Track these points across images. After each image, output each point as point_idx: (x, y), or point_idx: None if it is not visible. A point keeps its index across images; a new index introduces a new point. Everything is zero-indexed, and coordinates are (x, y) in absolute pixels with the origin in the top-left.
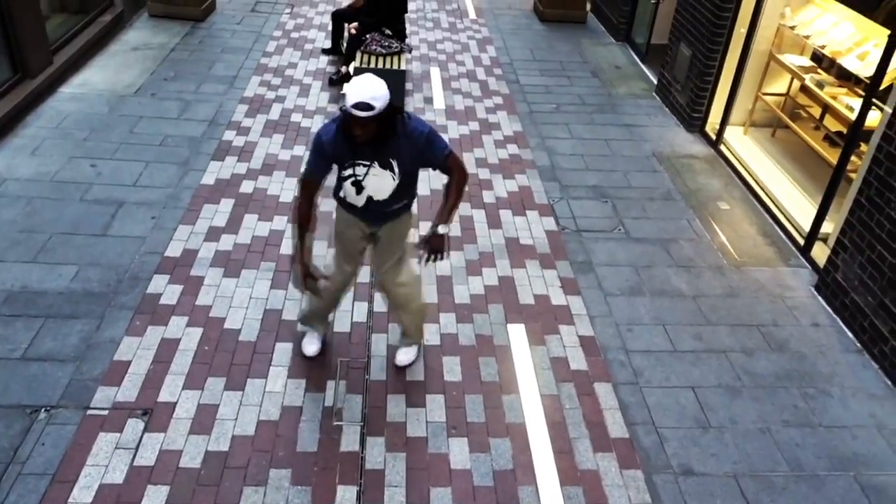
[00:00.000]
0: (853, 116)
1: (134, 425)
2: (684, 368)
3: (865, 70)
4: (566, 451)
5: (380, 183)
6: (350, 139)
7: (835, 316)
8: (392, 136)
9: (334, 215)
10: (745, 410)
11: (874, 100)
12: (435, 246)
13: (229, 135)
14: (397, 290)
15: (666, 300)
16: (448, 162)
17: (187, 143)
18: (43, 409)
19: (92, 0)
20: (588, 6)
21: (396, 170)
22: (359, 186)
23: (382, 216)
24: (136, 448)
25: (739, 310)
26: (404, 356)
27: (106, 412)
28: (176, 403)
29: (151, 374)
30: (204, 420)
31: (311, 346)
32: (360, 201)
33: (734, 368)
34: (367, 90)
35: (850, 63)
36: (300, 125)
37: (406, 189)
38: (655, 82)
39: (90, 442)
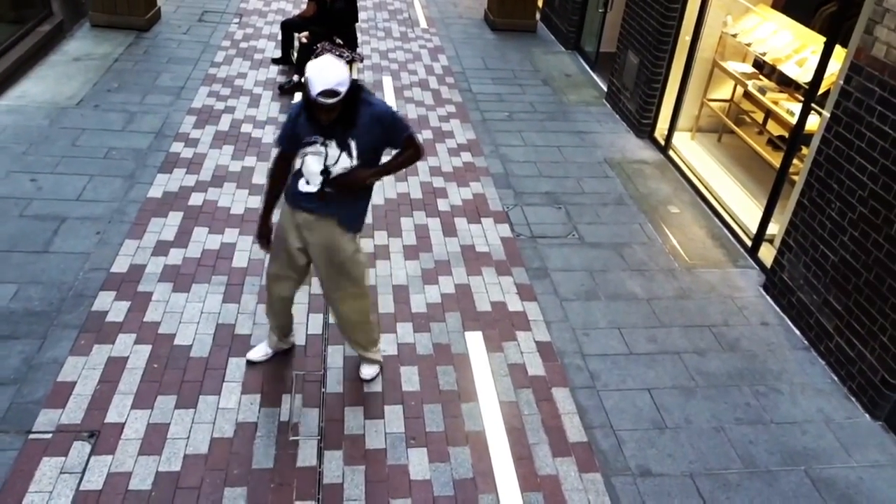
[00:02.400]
0: (794, 121)
1: (80, 448)
2: (640, 371)
3: (804, 76)
4: (525, 456)
5: (334, 160)
6: (313, 120)
7: (782, 315)
8: (354, 115)
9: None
10: (699, 410)
11: (813, 104)
12: (352, 178)
13: (177, 146)
14: (344, 311)
15: (621, 304)
16: (409, 140)
17: (133, 155)
18: None
19: (29, 10)
20: (538, 15)
21: (354, 151)
22: (313, 161)
23: (320, 202)
24: (83, 472)
25: (691, 311)
26: (368, 370)
27: (49, 435)
28: (124, 424)
29: (98, 395)
30: (154, 440)
31: (256, 352)
32: (313, 175)
33: (688, 369)
34: (332, 76)
35: (789, 69)
36: (251, 136)
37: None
38: (605, 90)
39: (33, 467)
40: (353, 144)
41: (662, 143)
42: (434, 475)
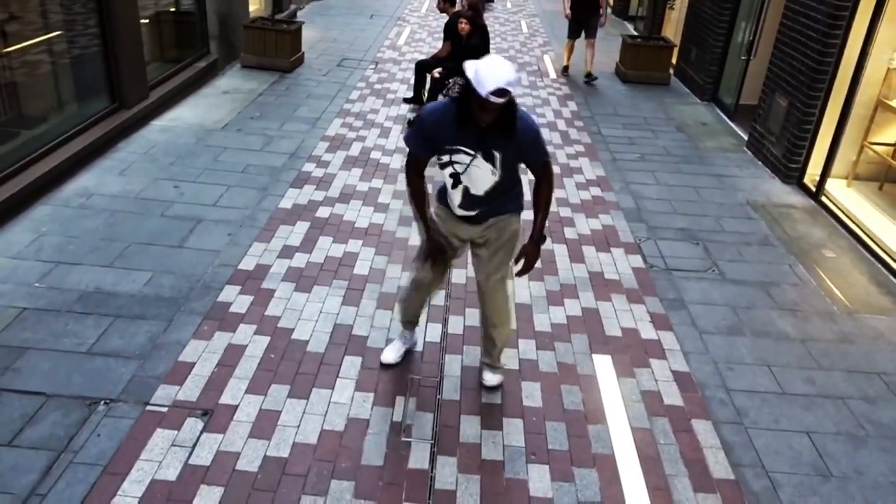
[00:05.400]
0: None
1: (192, 424)
2: (796, 412)
3: None
4: (662, 487)
5: (479, 176)
6: (463, 122)
7: None
8: (512, 122)
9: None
10: (872, 461)
11: None
12: (531, 256)
13: (309, 166)
14: (499, 297)
15: (769, 342)
16: (545, 168)
17: (268, 171)
18: (102, 402)
19: (190, 48)
20: (671, 70)
21: (498, 164)
22: (456, 178)
23: (478, 217)
24: (193, 447)
25: (856, 356)
26: (492, 377)
27: (165, 409)
28: (237, 407)
29: (215, 377)
30: (265, 425)
31: (390, 353)
32: (455, 196)
33: (855, 416)
34: (506, 74)
35: None
36: (379, 161)
37: (504, 189)
38: (745, 139)
39: (146, 437)
40: (497, 156)
41: (813, 189)
42: (557, 494)
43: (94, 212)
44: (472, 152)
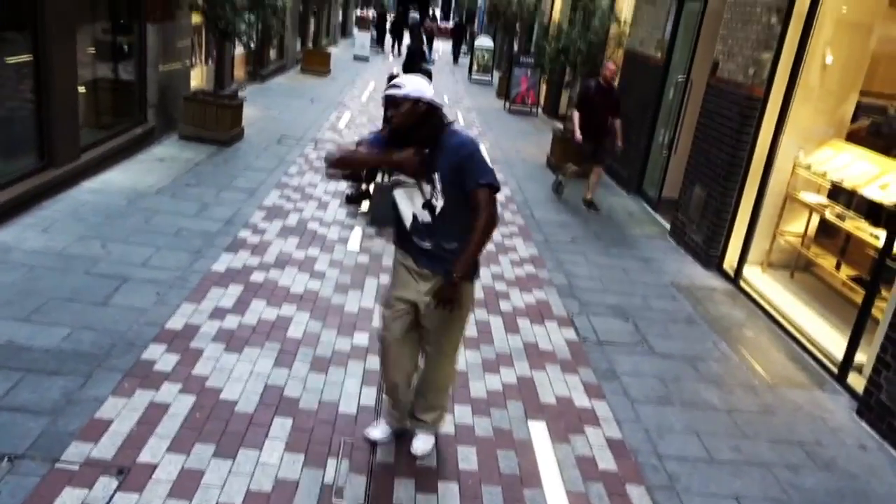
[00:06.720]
0: (880, 244)
1: (106, 483)
2: (725, 478)
3: (889, 197)
4: None
5: (421, 196)
6: (392, 137)
7: (882, 440)
8: (433, 141)
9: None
10: None
11: None
12: (447, 295)
13: (245, 233)
14: (438, 357)
15: (698, 411)
16: (478, 193)
17: (202, 236)
18: (6, 458)
19: (127, 116)
20: None
21: (438, 185)
22: (400, 193)
23: (431, 255)
24: None
25: (778, 427)
26: (422, 444)
27: (76, 467)
28: (157, 466)
29: (133, 435)
30: (186, 485)
31: (374, 430)
32: (406, 217)
33: (779, 482)
34: (403, 77)
35: (872, 192)
36: (316, 232)
37: (454, 222)
38: (668, 227)
39: (53, 496)
40: (436, 177)
41: (732, 274)
42: None
43: (11, 266)
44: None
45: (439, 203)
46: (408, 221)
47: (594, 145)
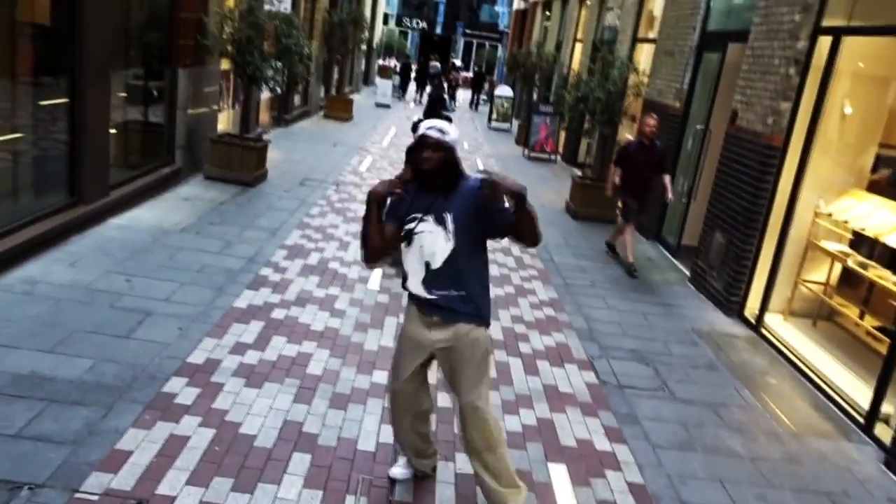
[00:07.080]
0: None
1: None
2: None
3: None
4: None
5: (433, 241)
6: (416, 178)
7: None
8: (451, 186)
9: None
10: None
11: None
12: (491, 181)
13: (266, 271)
14: (482, 423)
15: (721, 458)
16: (510, 216)
17: (224, 273)
18: (26, 487)
19: (155, 156)
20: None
21: (451, 226)
22: (410, 238)
23: (442, 307)
24: None
25: (804, 476)
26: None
27: (96, 497)
28: (175, 498)
29: (153, 466)
30: None
31: (396, 468)
32: (415, 267)
33: None
34: (441, 124)
35: (894, 241)
36: (337, 272)
37: (465, 266)
38: (688, 274)
39: None
40: (448, 218)
41: (753, 321)
42: None
43: (37, 299)
44: (421, 215)
45: (451, 244)
46: (418, 275)
47: (639, 202)
